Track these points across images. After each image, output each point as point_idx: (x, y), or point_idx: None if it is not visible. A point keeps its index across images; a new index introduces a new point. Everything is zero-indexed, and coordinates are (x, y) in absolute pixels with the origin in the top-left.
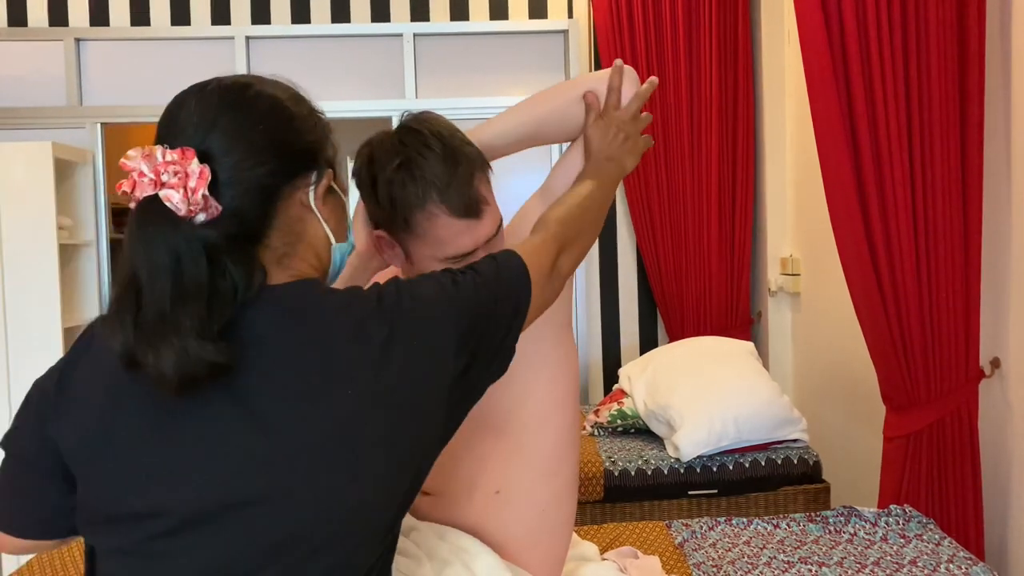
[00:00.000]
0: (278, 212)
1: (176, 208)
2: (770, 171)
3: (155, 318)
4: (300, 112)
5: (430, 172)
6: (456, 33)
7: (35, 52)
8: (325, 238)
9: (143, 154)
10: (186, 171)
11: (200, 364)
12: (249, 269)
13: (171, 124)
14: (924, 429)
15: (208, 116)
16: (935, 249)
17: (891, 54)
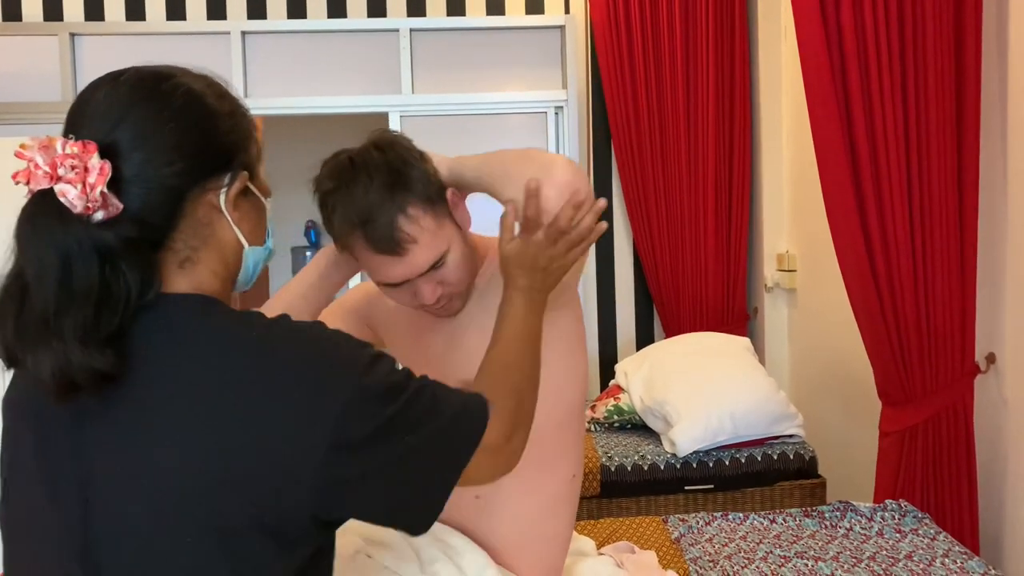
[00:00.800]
0: (184, 214)
1: (71, 204)
2: (767, 167)
3: (37, 320)
4: (220, 109)
5: (354, 204)
6: (453, 28)
7: (29, 47)
8: (236, 243)
9: (40, 144)
10: (86, 165)
11: (82, 371)
12: (146, 275)
13: (78, 114)
14: (920, 424)
15: (117, 108)
16: (931, 245)
17: (888, 51)
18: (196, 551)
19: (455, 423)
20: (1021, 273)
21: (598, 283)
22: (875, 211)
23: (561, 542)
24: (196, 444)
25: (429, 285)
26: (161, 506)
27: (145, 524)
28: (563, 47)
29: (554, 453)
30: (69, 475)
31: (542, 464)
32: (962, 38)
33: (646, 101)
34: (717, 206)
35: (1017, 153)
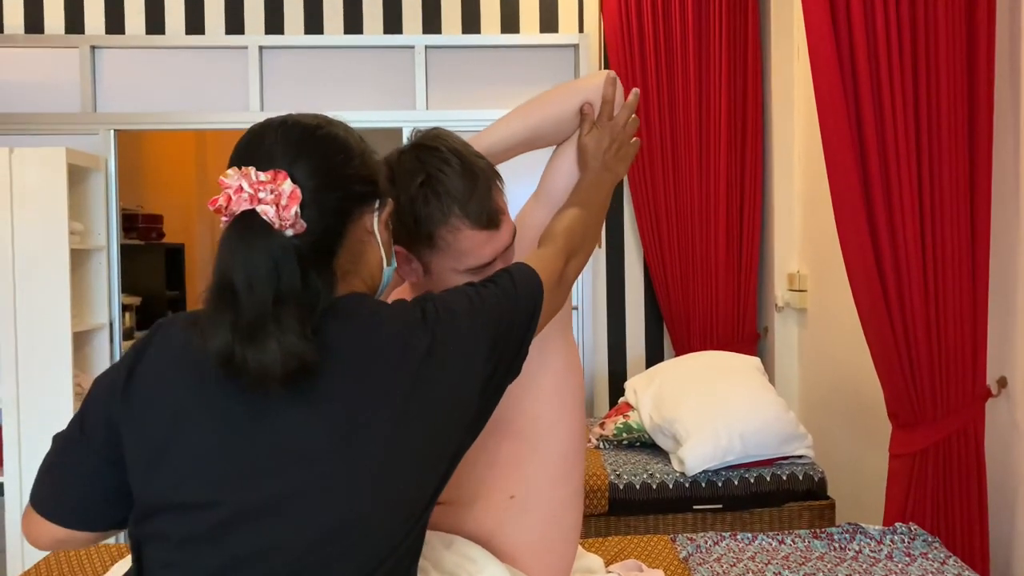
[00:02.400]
0: (347, 233)
1: (271, 221)
2: (778, 186)
3: (256, 319)
4: (364, 150)
5: (452, 187)
6: (467, 46)
7: (51, 59)
8: (380, 260)
9: (241, 173)
10: (279, 190)
11: (298, 360)
12: (330, 280)
13: (256, 150)
14: (930, 447)
15: (293, 146)
16: (943, 268)
17: (900, 73)
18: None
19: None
20: None
21: (608, 300)
22: (886, 232)
23: (574, 537)
24: (381, 417)
25: (501, 265)
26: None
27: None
28: (576, 66)
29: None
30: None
31: (560, 472)
32: (974, 57)
33: (658, 119)
34: (728, 225)
35: None
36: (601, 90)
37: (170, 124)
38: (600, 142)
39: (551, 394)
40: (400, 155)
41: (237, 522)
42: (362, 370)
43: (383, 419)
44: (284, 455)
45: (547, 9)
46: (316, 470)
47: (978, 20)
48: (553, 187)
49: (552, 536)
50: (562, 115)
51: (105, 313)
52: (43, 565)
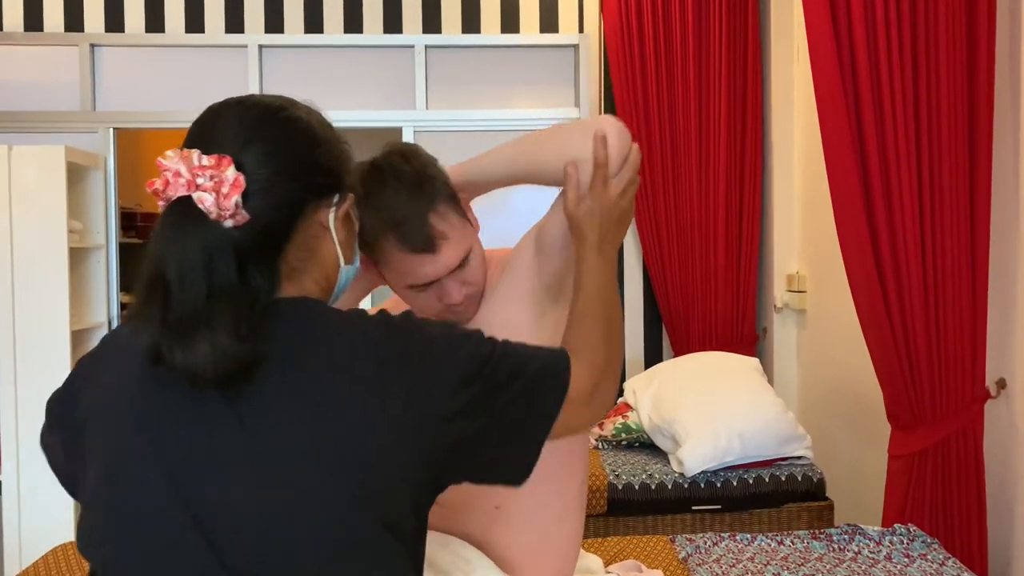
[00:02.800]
0: (299, 228)
1: (208, 210)
2: (778, 187)
3: (187, 314)
4: (328, 137)
5: (386, 207)
6: (467, 45)
7: (50, 57)
8: (336, 258)
9: (181, 155)
10: (221, 177)
11: (235, 360)
12: (272, 276)
13: (207, 132)
14: (929, 448)
15: (245, 130)
16: (942, 269)
17: (900, 74)
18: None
19: (541, 376)
20: None
21: None
22: (886, 233)
23: (574, 545)
24: (314, 430)
25: (455, 284)
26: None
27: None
28: (576, 65)
29: (570, 459)
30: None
31: (563, 473)
32: (974, 58)
33: (658, 120)
34: (728, 225)
35: None
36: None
37: (169, 123)
38: (592, 218)
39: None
40: (364, 166)
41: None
42: (301, 377)
43: (314, 436)
44: (214, 465)
45: (547, 9)
46: (239, 484)
47: (978, 20)
48: (550, 235)
49: (543, 548)
50: (556, 164)
51: (104, 311)
52: (41, 564)
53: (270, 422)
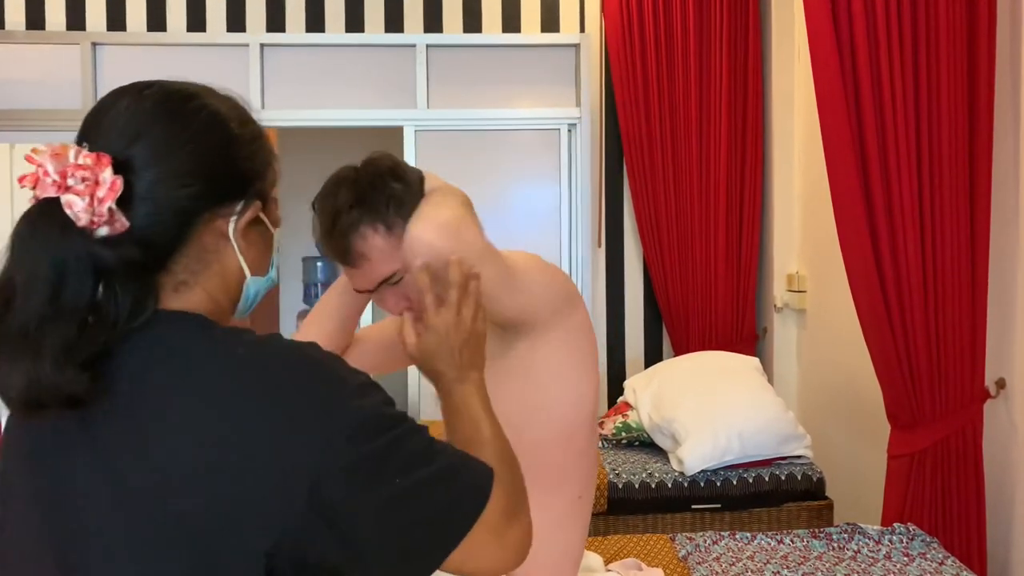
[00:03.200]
0: (190, 239)
1: (76, 217)
2: (778, 187)
3: (16, 333)
4: (242, 135)
5: (323, 217)
6: (468, 45)
7: (52, 55)
8: (239, 271)
9: (53, 151)
10: (97, 179)
11: (50, 392)
12: (140, 299)
13: (95, 123)
14: (929, 448)
15: (136, 123)
16: (942, 270)
17: (900, 74)
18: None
19: (453, 475)
20: None
21: (608, 300)
22: (886, 233)
23: (572, 556)
24: (178, 465)
25: (393, 297)
26: (142, 529)
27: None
28: (577, 65)
29: (557, 472)
30: (54, 496)
31: (546, 483)
32: (975, 58)
33: (659, 120)
34: (728, 225)
35: None
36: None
37: None
38: (439, 351)
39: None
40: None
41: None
42: (145, 412)
43: (155, 466)
44: (60, 497)
45: (548, 8)
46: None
47: (979, 20)
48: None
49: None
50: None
51: None
52: None
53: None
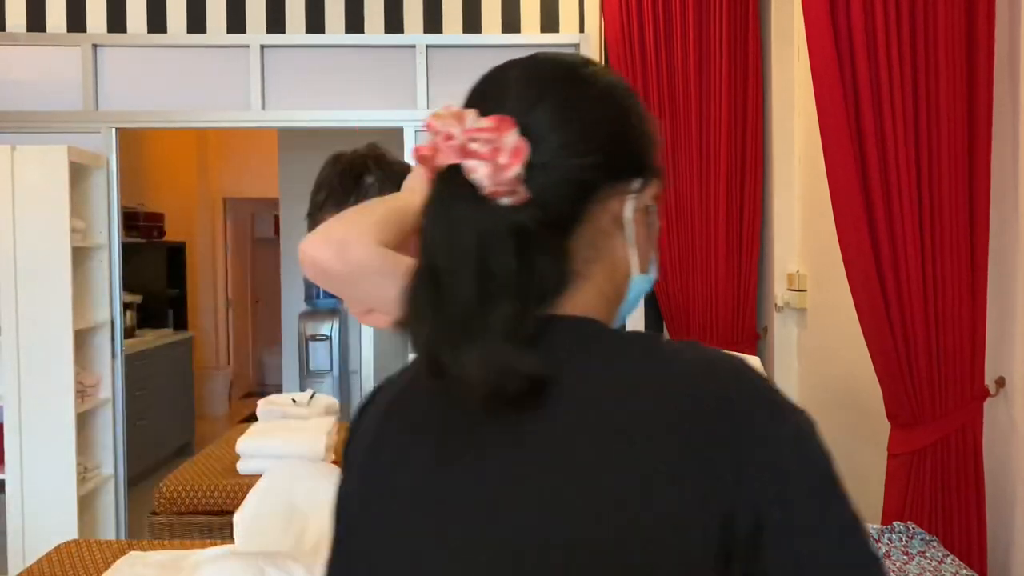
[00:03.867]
0: (587, 218)
1: (480, 183)
2: (778, 186)
3: (459, 314)
4: (636, 107)
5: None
6: (468, 45)
7: (53, 57)
8: (626, 265)
9: (451, 114)
10: (499, 144)
11: (515, 375)
12: (563, 265)
13: (487, 92)
14: (928, 446)
15: (536, 86)
16: (941, 268)
17: (900, 75)
18: None
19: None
20: None
21: None
22: (886, 232)
23: None
24: (600, 487)
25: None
26: (566, 552)
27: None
28: None
29: None
30: (469, 506)
31: None
32: (974, 59)
33: (659, 119)
34: (728, 224)
35: None
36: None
37: (171, 123)
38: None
39: None
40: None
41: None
42: (593, 403)
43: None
44: (521, 508)
45: (548, 9)
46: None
47: (978, 21)
48: None
49: None
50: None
51: (107, 311)
52: (45, 562)
53: (549, 459)
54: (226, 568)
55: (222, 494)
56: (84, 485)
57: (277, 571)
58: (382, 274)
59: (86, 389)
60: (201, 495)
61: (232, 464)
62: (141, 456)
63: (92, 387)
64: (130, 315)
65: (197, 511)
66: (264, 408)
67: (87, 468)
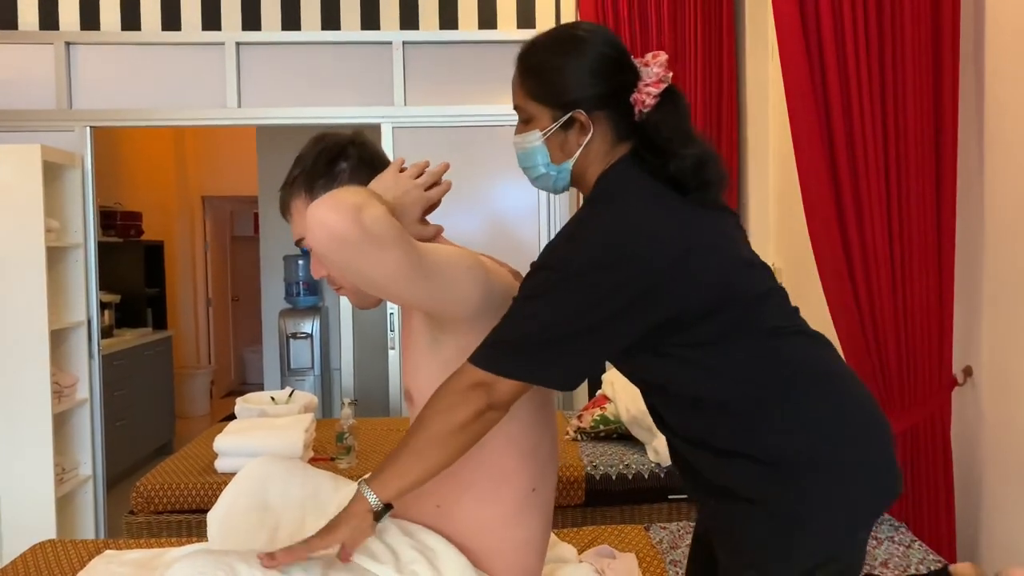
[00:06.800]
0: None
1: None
2: (753, 182)
3: None
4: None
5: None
6: (445, 42)
7: (25, 55)
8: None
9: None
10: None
11: None
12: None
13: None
14: (898, 435)
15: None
16: (909, 259)
17: (867, 64)
18: None
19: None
20: (998, 288)
21: None
22: (855, 224)
23: (534, 547)
24: None
25: (314, 262)
26: None
27: None
28: None
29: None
30: None
31: (494, 479)
32: (939, 51)
33: None
34: None
35: (994, 168)
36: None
37: (146, 121)
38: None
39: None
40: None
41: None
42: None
43: None
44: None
45: (524, 5)
46: None
47: (943, 12)
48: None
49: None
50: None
51: (83, 310)
52: (20, 562)
53: None
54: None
55: (200, 493)
56: (62, 486)
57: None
58: (394, 241)
59: (63, 389)
60: (178, 494)
61: (210, 463)
62: (121, 456)
63: (69, 387)
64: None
65: (175, 510)
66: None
67: (65, 469)
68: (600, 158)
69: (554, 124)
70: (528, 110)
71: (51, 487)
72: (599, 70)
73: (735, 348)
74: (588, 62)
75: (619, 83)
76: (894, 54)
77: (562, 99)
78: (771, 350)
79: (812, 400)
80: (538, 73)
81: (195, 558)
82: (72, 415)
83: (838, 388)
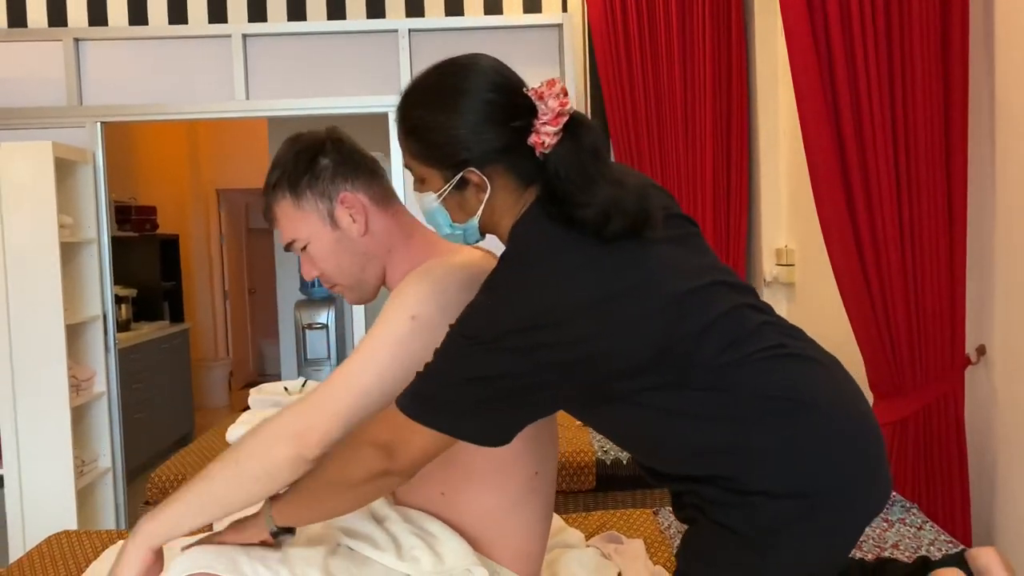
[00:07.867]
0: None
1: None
2: (764, 162)
3: None
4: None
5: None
6: (451, 28)
7: (35, 52)
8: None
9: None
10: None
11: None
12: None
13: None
14: (911, 416)
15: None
16: (920, 238)
17: (875, 45)
18: None
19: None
20: (1010, 265)
21: None
22: (864, 206)
23: (536, 530)
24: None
25: (305, 263)
26: None
27: None
28: (560, 46)
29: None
30: None
31: (498, 465)
32: (948, 27)
33: (643, 98)
34: (715, 201)
35: (1005, 144)
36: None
37: (155, 115)
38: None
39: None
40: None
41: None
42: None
43: None
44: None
45: None
46: None
47: None
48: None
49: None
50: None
51: (98, 305)
52: (35, 553)
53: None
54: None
55: None
56: (82, 478)
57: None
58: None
59: (80, 383)
60: None
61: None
62: (141, 448)
63: (87, 381)
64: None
65: None
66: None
67: (84, 461)
68: (508, 209)
69: (447, 186)
70: (417, 171)
71: (71, 480)
72: (485, 122)
73: (690, 387)
74: (472, 116)
75: (511, 131)
76: (902, 33)
77: (450, 160)
78: (731, 385)
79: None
80: (419, 134)
81: (197, 551)
82: (90, 408)
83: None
